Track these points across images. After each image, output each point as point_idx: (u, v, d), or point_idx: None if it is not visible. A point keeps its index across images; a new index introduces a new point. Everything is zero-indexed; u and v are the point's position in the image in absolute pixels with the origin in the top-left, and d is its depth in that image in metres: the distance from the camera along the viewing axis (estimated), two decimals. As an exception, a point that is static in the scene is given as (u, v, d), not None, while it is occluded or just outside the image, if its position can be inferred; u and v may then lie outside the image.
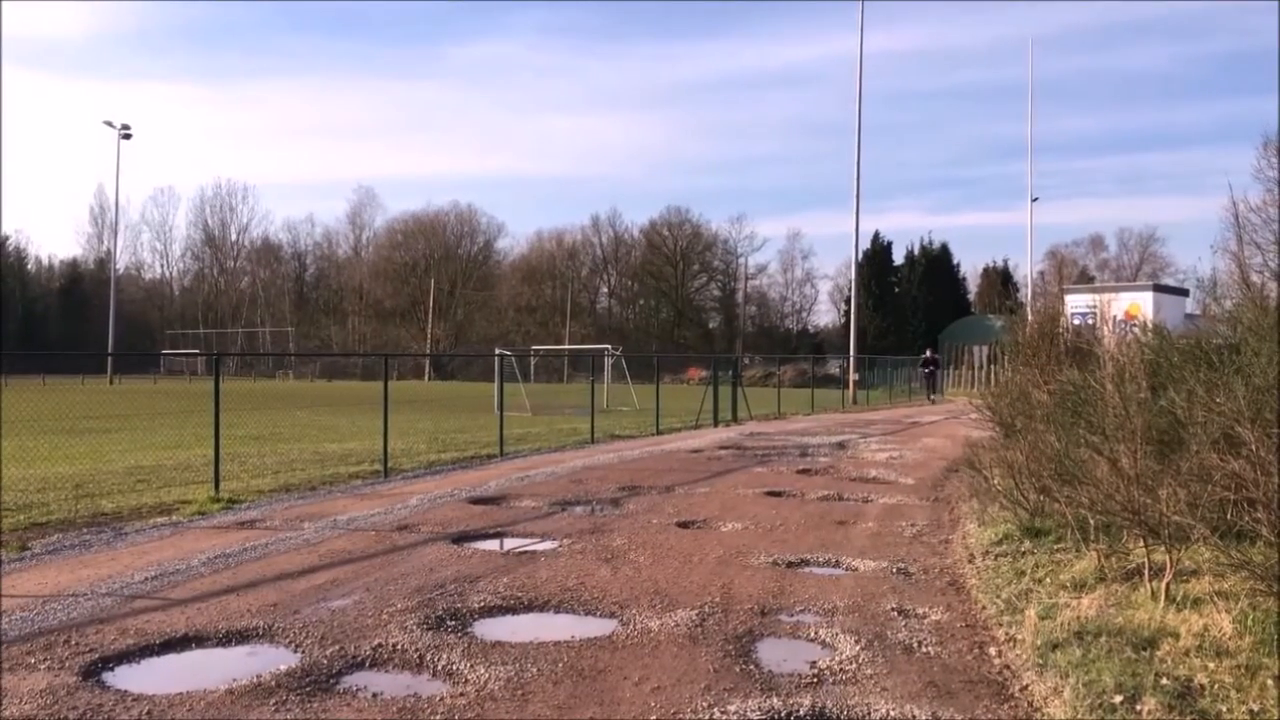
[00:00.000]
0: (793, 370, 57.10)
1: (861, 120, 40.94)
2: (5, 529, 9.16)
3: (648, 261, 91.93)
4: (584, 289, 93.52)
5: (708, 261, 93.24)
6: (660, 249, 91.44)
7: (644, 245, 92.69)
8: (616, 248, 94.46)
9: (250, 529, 9.31)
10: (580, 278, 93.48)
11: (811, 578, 7.46)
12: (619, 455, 16.52)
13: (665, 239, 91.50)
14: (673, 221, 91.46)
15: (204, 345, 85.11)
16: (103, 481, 12.46)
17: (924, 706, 4.65)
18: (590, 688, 4.90)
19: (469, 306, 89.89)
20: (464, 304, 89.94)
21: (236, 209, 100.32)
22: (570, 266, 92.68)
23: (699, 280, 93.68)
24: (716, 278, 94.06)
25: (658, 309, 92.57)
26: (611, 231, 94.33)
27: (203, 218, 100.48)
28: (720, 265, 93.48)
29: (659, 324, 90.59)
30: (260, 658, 5.42)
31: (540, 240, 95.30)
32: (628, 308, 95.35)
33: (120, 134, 66.58)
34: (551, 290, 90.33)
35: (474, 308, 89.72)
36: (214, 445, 11.82)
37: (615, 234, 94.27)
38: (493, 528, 9.54)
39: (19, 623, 5.98)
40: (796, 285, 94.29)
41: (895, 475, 13.78)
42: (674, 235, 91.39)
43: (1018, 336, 12.43)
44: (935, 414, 30.07)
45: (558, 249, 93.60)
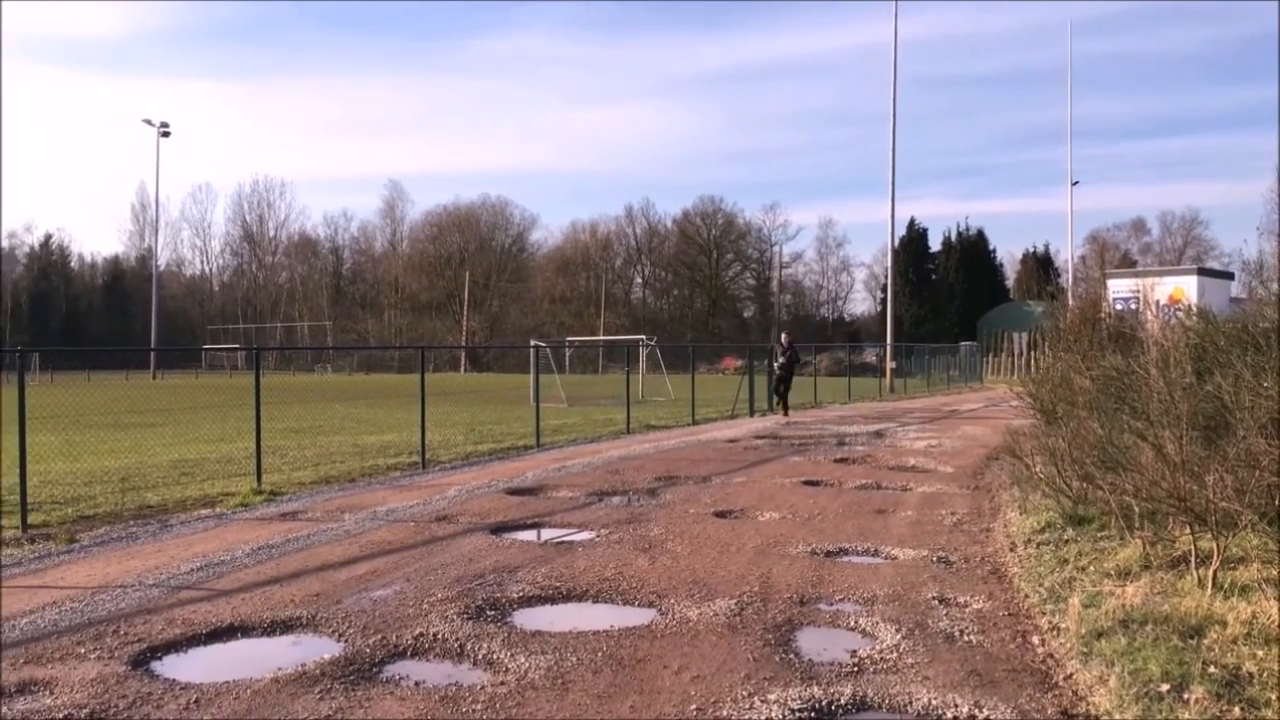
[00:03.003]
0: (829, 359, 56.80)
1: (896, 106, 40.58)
2: (54, 522, 9.33)
3: (681, 251, 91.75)
4: (618, 279, 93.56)
5: (742, 250, 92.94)
6: (694, 239, 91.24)
7: (677, 235, 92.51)
8: (650, 238, 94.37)
9: (292, 521, 9.41)
10: (614, 268, 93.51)
11: (850, 567, 7.42)
12: (655, 446, 16.53)
13: (699, 229, 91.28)
14: (706, 211, 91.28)
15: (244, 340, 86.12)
16: (148, 475, 12.65)
17: (966, 695, 4.62)
18: (630, 677, 4.91)
19: (504, 298, 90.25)
20: (499, 296, 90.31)
21: (274, 205, 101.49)
22: (604, 257, 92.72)
23: (733, 269, 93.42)
24: (751, 267, 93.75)
25: (692, 299, 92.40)
26: (645, 222, 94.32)
27: (241, 214, 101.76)
28: (754, 254, 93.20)
29: (694, 314, 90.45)
30: (304, 647, 5.48)
31: (574, 231, 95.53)
32: (662, 298, 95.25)
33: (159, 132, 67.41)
34: (586, 281, 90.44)
35: (509, 300, 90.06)
36: (255, 439, 11.96)
37: (649, 224, 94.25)
38: (530, 518, 9.58)
39: (69, 613, 6.09)
40: (831, 273, 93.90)
41: (934, 463, 13.68)
42: (707, 225, 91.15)
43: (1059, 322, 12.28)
44: (974, 402, 29.81)
45: (591, 240, 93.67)
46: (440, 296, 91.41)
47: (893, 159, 40.58)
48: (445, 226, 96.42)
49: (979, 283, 73.17)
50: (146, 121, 67.21)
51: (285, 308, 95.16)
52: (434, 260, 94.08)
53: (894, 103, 40.59)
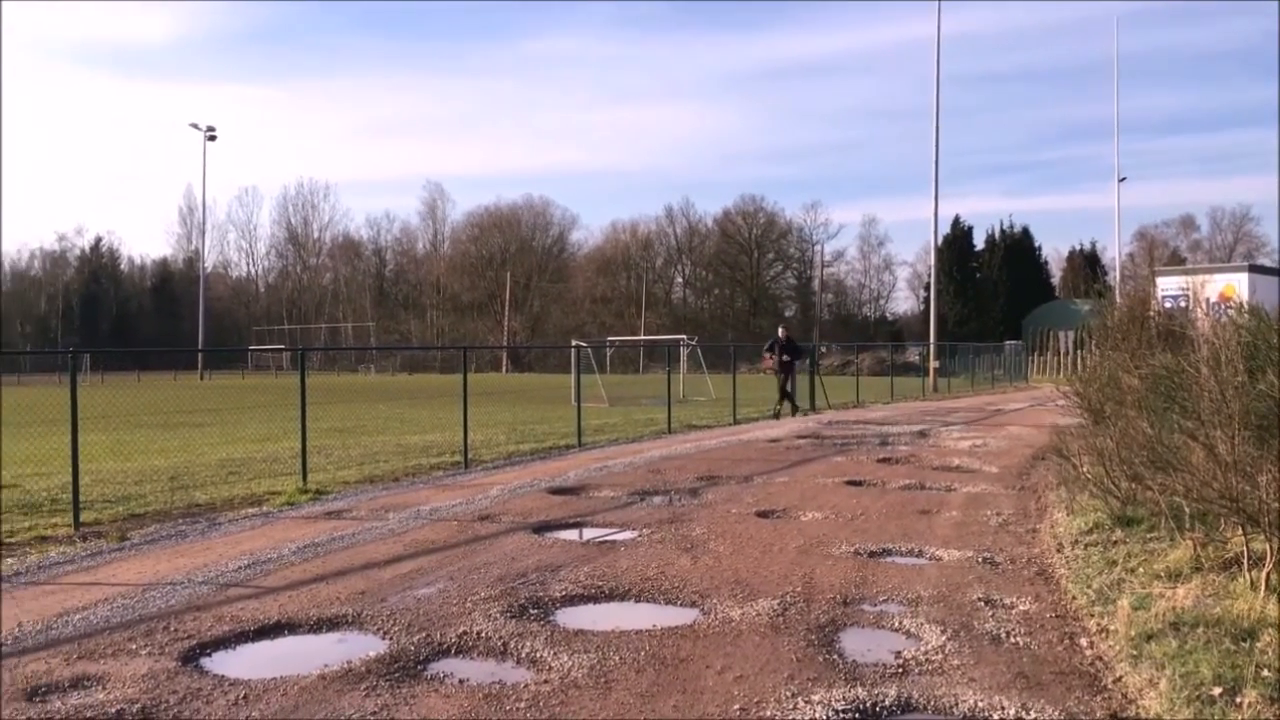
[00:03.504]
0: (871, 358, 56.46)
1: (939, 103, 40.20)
2: (105, 520, 9.50)
3: (722, 251, 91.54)
4: (659, 279, 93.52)
5: (783, 249, 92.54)
6: (734, 238, 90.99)
7: (718, 234, 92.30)
8: (691, 237, 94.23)
9: (337, 519, 9.52)
10: (655, 268, 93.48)
11: (894, 567, 7.37)
12: (696, 445, 16.51)
13: (739, 228, 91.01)
14: (746, 210, 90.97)
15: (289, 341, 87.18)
16: (196, 474, 12.85)
17: (1013, 698, 4.56)
18: (673, 676, 4.91)
19: (545, 299, 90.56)
20: (540, 296, 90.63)
21: (318, 207, 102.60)
22: (645, 257, 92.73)
23: (774, 269, 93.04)
24: (792, 266, 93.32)
25: (733, 298, 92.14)
26: (685, 221, 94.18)
27: (286, 216, 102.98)
28: (795, 253, 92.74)
29: (734, 313, 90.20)
30: (350, 644, 5.54)
31: (614, 231, 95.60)
32: (703, 297, 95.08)
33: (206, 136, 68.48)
34: (626, 281, 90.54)
35: (549, 300, 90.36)
36: (301, 438, 12.11)
37: (689, 224, 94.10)
38: (572, 518, 9.61)
39: (121, 610, 6.20)
40: (874, 272, 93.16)
41: (979, 464, 13.53)
42: (748, 224, 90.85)
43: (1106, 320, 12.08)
44: (1019, 401, 29.45)
45: (632, 240, 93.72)
46: (482, 297, 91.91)
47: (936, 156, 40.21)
48: (486, 227, 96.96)
49: (1024, 281, 72.24)
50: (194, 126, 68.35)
51: (329, 309, 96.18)
52: (475, 261, 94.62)
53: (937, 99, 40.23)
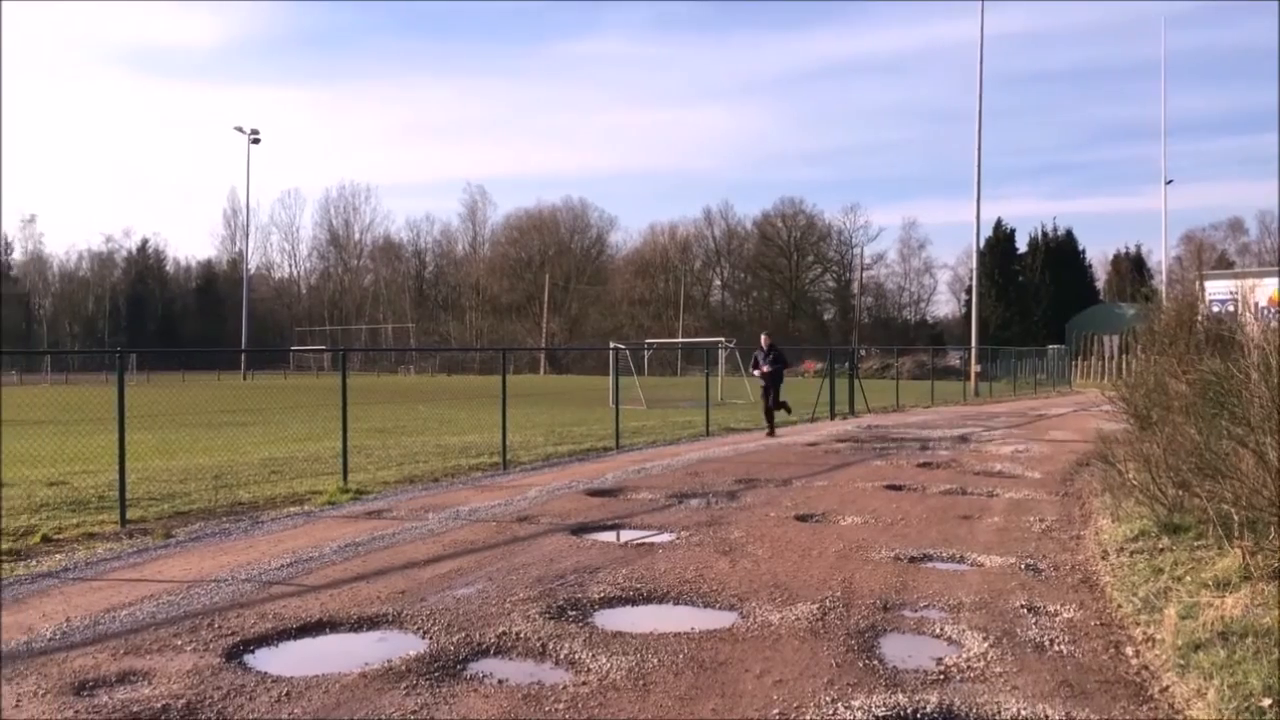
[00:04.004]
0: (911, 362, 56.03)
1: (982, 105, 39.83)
2: (151, 517, 9.65)
3: (761, 253, 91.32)
4: (697, 282, 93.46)
5: (822, 252, 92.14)
6: (773, 240, 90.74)
7: (757, 237, 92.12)
8: (729, 240, 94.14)
9: (377, 519, 9.59)
10: (693, 270, 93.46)
11: (935, 573, 7.30)
12: (735, 448, 16.46)
13: (778, 230, 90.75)
14: (786, 212, 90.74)
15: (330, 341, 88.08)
16: (239, 473, 13.01)
17: (1057, 706, 4.50)
18: (711, 679, 4.89)
19: (583, 301, 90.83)
20: (578, 298, 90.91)
21: (359, 209, 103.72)
22: (683, 259, 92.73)
23: (813, 271, 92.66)
24: (831, 269, 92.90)
25: (771, 301, 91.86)
26: (724, 224, 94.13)
27: (328, 218, 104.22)
28: (835, 256, 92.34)
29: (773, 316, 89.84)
30: (390, 643, 5.58)
31: (653, 233, 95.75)
32: (741, 300, 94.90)
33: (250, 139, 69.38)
34: (665, 283, 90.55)
35: (588, 302, 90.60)
36: (342, 438, 12.22)
37: (728, 226, 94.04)
38: (610, 519, 9.62)
39: (166, 606, 6.29)
40: (914, 275, 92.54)
41: (1021, 469, 13.38)
42: (787, 226, 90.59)
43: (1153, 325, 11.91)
44: (1063, 406, 29.09)
45: (670, 242, 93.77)
46: (520, 299, 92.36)
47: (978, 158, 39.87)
48: (525, 229, 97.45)
49: (1067, 284, 71.35)
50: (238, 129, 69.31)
51: (370, 310, 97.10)
52: (514, 263, 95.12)
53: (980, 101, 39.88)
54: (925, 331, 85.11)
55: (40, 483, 11.86)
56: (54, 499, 10.67)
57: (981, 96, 39.89)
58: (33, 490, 11.28)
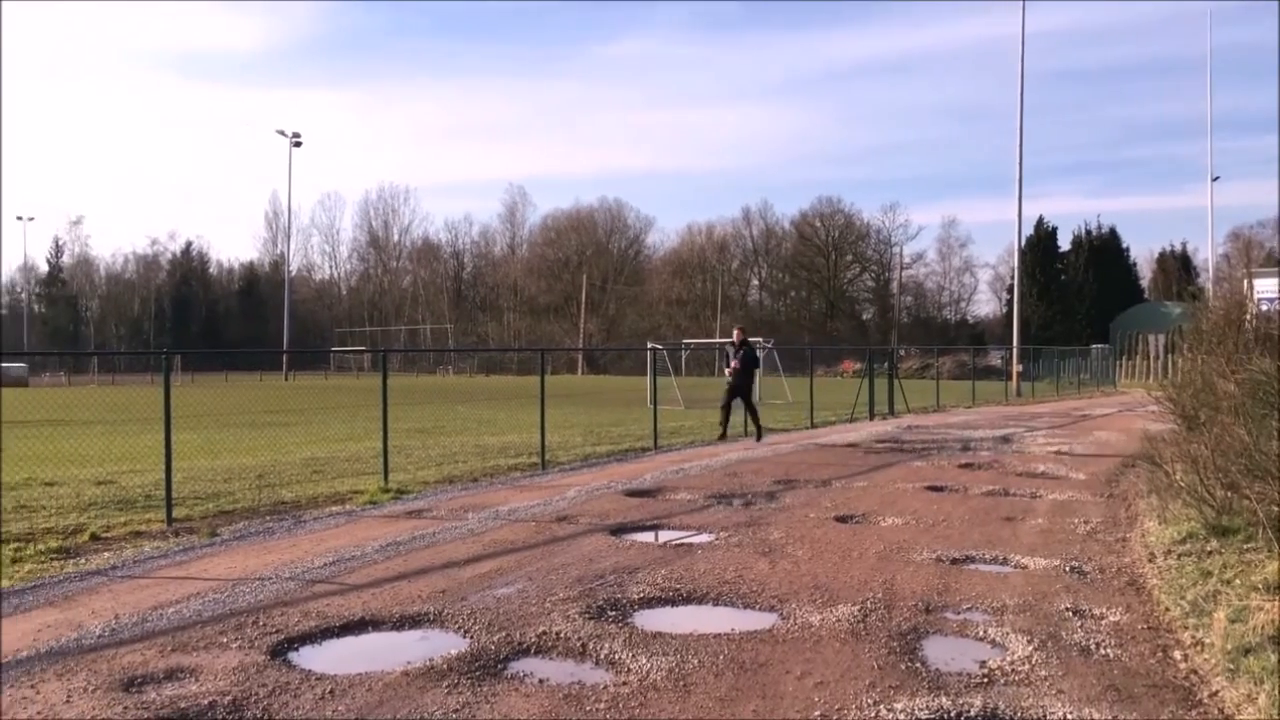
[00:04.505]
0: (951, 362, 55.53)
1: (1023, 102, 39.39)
2: (196, 516, 9.78)
3: (799, 253, 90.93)
4: (734, 282, 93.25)
5: (860, 251, 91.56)
6: (811, 240, 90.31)
7: (795, 237, 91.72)
8: (767, 240, 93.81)
9: (418, 518, 9.66)
10: (731, 270, 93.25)
11: (978, 575, 7.22)
12: (773, 449, 16.40)
13: (816, 230, 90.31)
14: (824, 212, 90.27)
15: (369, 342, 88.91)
16: (282, 472, 13.15)
17: (1104, 710, 4.44)
18: (752, 681, 4.88)
19: (620, 301, 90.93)
20: (615, 298, 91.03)
21: (398, 211, 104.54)
22: (720, 259, 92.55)
23: (852, 271, 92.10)
24: (870, 268, 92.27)
25: (809, 301, 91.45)
26: (762, 223, 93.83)
27: (367, 220, 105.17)
28: (874, 255, 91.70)
29: (811, 316, 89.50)
30: (432, 642, 5.61)
31: (690, 234, 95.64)
32: (779, 300, 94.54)
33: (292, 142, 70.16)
34: (702, 283, 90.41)
35: (625, 302, 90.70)
36: (382, 438, 12.32)
37: (766, 225, 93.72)
38: (649, 520, 9.62)
39: (212, 604, 6.37)
40: (954, 274, 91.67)
41: (1065, 470, 13.22)
42: (825, 225, 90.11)
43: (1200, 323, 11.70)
44: (1107, 406, 28.71)
45: (708, 242, 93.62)
46: (558, 299, 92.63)
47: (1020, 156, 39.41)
48: (563, 230, 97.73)
49: (1111, 283, 70.36)
50: (280, 132, 70.13)
51: (408, 311, 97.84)
52: (552, 263, 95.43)
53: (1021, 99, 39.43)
54: (966, 331, 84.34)
55: (89, 482, 12.08)
56: (102, 498, 10.86)
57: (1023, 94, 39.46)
58: (81, 489, 11.49)
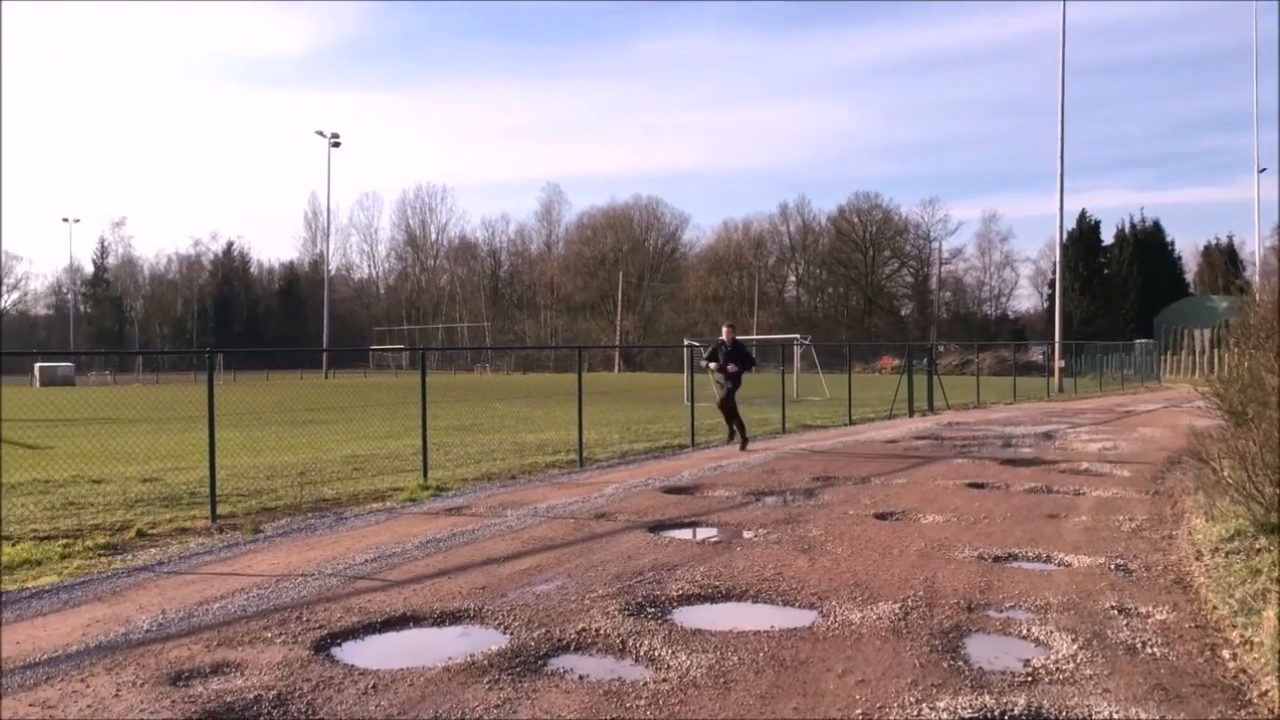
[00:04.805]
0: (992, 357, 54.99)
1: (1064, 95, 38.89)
2: (240, 513, 9.90)
3: (836, 249, 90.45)
4: (771, 278, 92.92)
5: (899, 247, 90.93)
6: (849, 236, 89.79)
7: (832, 233, 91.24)
8: (804, 236, 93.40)
9: (457, 515, 9.72)
10: (767, 267, 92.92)
11: (1021, 573, 7.14)
12: (811, 445, 16.33)
13: (854, 225, 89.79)
14: (861, 207, 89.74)
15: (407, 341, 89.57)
16: (323, 469, 13.29)
17: (1151, 710, 4.37)
18: (792, 678, 4.85)
19: (657, 298, 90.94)
20: (652, 296, 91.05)
21: (435, 210, 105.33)
22: (757, 256, 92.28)
23: (890, 266, 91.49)
24: (908, 264, 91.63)
25: (847, 297, 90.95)
26: (799, 219, 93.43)
27: (405, 219, 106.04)
28: (912, 250, 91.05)
29: (849, 312, 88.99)
30: (472, 638, 5.65)
31: (727, 230, 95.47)
32: (816, 296, 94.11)
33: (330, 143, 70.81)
34: (738, 280, 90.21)
35: (661, 299, 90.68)
36: (421, 436, 12.41)
37: (803, 221, 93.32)
38: (687, 517, 9.61)
39: (256, 599, 6.45)
40: (994, 269, 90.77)
41: (1109, 467, 13.04)
42: (863, 221, 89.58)
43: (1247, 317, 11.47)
44: (1151, 402, 28.28)
45: (744, 238, 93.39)
46: (594, 297, 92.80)
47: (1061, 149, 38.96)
48: (599, 228, 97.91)
49: (1155, 277, 69.34)
50: (318, 133, 70.84)
51: (446, 309, 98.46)
52: (588, 261, 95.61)
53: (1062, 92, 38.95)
54: (1006, 326, 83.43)
55: (135, 479, 12.28)
56: (148, 495, 11.03)
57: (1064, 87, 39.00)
58: (128, 486, 11.68)
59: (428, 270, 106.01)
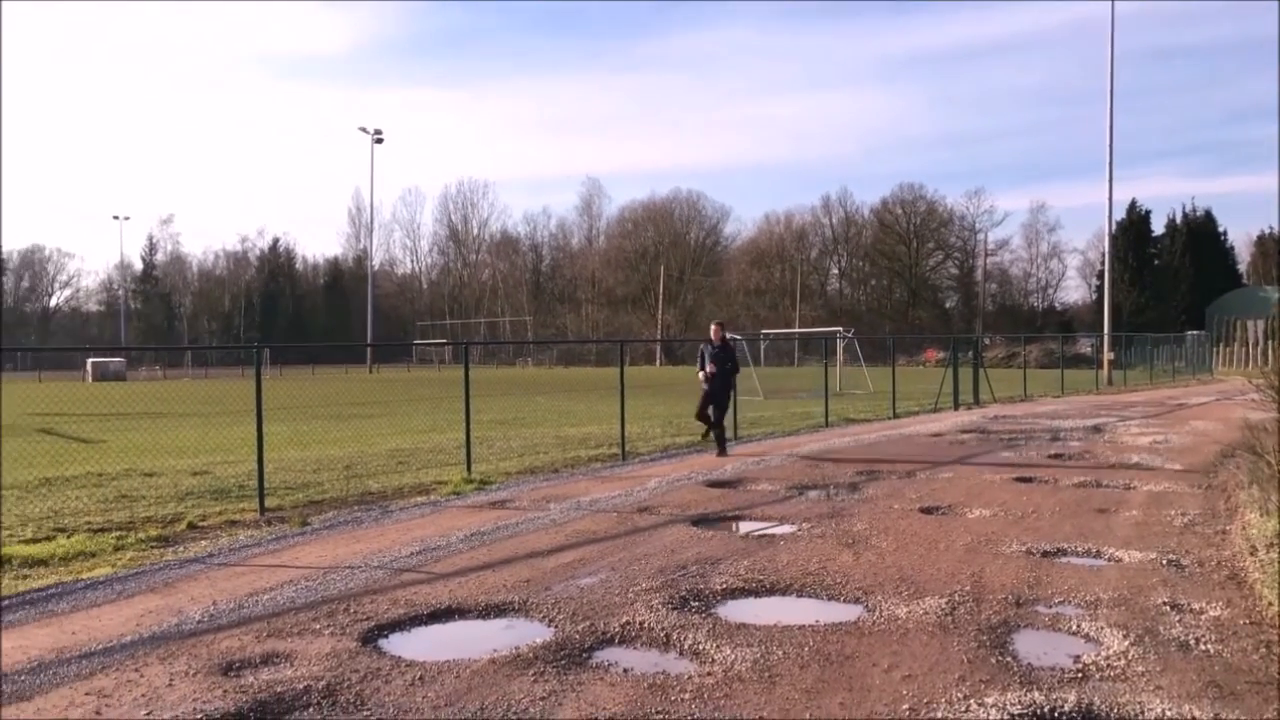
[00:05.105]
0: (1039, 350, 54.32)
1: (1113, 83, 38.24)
2: (287, 506, 10.03)
3: (880, 241, 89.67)
4: (814, 271, 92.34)
5: (943, 239, 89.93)
6: (893, 228, 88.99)
7: (875, 225, 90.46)
8: (847, 228, 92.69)
9: (501, 509, 9.77)
10: (809, 260, 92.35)
11: (1070, 568, 7.05)
12: (855, 439, 16.23)
13: (898, 217, 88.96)
14: (905, 199, 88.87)
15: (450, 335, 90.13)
16: (368, 463, 13.42)
17: (1205, 707, 4.30)
18: (838, 673, 4.83)
19: (698, 292, 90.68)
20: (693, 289, 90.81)
21: (477, 205, 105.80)
22: (799, 248, 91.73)
23: (934, 258, 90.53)
24: (953, 255, 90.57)
25: (891, 289, 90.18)
26: (842, 211, 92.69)
27: (447, 214, 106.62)
28: (957, 242, 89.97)
29: (892, 305, 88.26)
30: (517, 631, 5.67)
31: (768, 223, 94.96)
32: (859, 289, 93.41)
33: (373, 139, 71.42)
34: (780, 273, 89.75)
35: (703, 293, 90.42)
36: (465, 430, 12.49)
37: (846, 214, 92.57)
38: (730, 511, 9.59)
39: (305, 591, 6.53)
40: (1041, 260, 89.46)
41: (1160, 461, 12.82)
42: (907, 213, 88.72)
43: (1303, 307, 11.22)
44: (1203, 395, 27.78)
45: (786, 231, 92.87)
46: (636, 291, 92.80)
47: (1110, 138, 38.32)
48: (640, 221, 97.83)
49: (1208, 267, 67.98)
50: (362, 129, 71.50)
51: (488, 304, 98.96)
52: (629, 255, 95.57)
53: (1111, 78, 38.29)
54: (1053, 318, 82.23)
55: (185, 472, 12.48)
56: (198, 488, 11.20)
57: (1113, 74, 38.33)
58: (179, 479, 11.87)
59: (470, 265, 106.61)
